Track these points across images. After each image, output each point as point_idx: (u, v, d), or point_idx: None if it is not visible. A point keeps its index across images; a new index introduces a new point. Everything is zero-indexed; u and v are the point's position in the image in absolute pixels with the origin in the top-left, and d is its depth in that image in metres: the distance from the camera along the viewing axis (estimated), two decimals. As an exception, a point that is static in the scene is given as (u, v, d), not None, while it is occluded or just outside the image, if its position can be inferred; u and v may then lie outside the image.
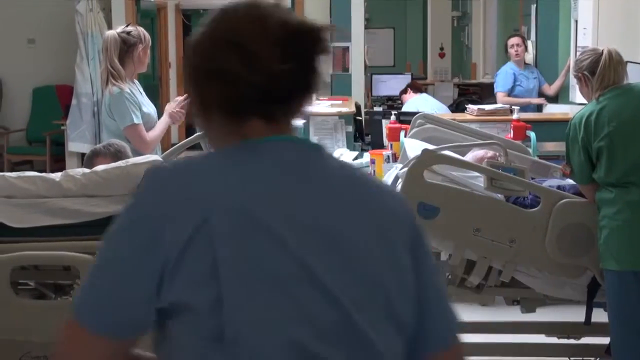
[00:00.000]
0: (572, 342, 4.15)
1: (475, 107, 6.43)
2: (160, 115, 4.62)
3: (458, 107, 8.79)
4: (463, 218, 3.59)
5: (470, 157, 4.03)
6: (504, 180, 3.59)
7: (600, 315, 3.77)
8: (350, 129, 7.03)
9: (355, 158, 6.45)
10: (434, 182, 3.62)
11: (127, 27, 4.53)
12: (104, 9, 8.52)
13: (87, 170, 3.26)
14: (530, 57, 8.29)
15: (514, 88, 7.84)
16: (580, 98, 4.54)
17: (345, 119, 6.98)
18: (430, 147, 3.79)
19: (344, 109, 7.12)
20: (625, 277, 3.54)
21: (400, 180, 3.63)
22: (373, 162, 5.49)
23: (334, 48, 8.83)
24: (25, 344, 2.97)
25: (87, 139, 8.23)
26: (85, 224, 3.11)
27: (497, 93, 7.81)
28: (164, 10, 12.55)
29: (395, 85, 9.32)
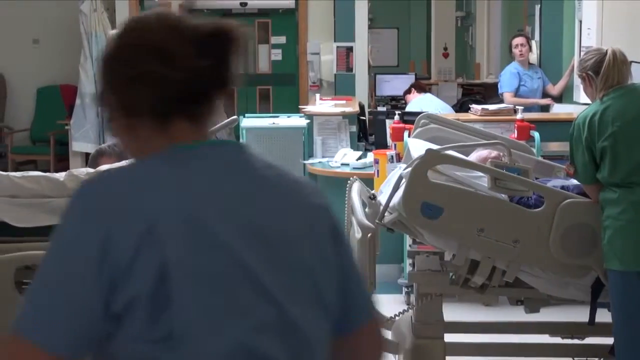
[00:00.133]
0: (576, 342, 4.15)
1: (479, 107, 6.41)
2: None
3: (462, 107, 8.77)
4: (467, 218, 3.59)
5: (474, 157, 4.02)
6: (508, 180, 3.58)
7: (604, 316, 3.76)
8: (354, 129, 7.02)
9: (359, 158, 6.45)
10: (438, 182, 3.62)
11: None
12: (108, 9, 8.54)
13: (91, 170, 3.27)
14: (535, 57, 8.27)
15: (519, 88, 7.82)
16: (585, 98, 4.54)
17: (349, 119, 6.97)
18: (434, 147, 3.79)
19: (348, 109, 7.12)
20: (629, 277, 3.54)
21: (404, 180, 3.62)
22: (377, 162, 5.49)
23: (338, 48, 8.85)
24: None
25: (90, 139, 8.25)
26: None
27: (504, 93, 7.77)
28: (168, 10, 12.57)
29: (399, 85, 9.32)
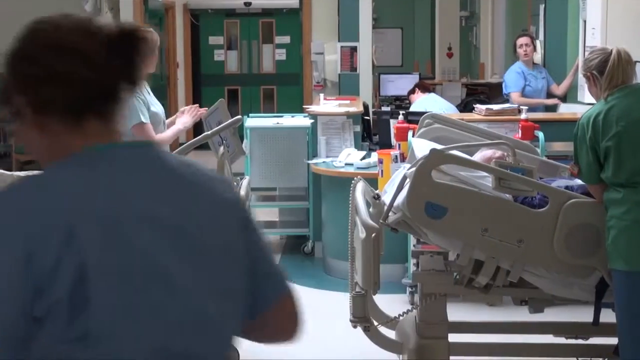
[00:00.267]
0: (580, 342, 4.15)
1: (484, 106, 6.40)
2: (168, 116, 4.62)
3: (466, 106, 8.77)
4: (471, 218, 3.59)
5: (479, 157, 4.02)
6: (512, 180, 3.58)
7: (609, 316, 3.75)
8: (358, 129, 7.03)
9: (363, 158, 6.46)
10: (442, 182, 3.62)
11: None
12: (112, 9, 8.55)
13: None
14: (539, 57, 8.26)
15: (524, 88, 7.82)
16: (589, 98, 4.53)
17: (353, 119, 6.98)
18: (438, 147, 3.79)
19: (352, 109, 7.12)
20: (634, 277, 3.53)
21: (408, 180, 3.62)
22: (381, 161, 5.49)
23: (342, 48, 8.85)
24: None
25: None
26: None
27: (511, 94, 7.75)
28: (172, 10, 12.57)
29: (403, 85, 9.32)
